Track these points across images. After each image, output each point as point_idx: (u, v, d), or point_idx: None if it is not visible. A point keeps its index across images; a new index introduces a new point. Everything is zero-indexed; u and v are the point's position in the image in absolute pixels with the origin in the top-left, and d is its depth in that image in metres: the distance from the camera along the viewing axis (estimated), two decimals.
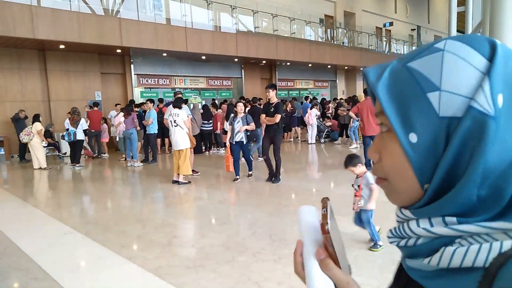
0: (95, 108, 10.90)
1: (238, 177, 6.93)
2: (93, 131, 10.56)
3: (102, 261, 3.70)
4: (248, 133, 6.99)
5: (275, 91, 6.73)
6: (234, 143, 6.85)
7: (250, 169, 7.18)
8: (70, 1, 10.34)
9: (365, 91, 8.11)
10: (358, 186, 3.54)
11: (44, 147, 10.02)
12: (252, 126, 6.94)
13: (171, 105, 7.18)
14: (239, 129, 6.79)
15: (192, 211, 5.51)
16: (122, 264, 3.56)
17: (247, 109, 11.11)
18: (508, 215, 0.42)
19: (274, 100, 6.69)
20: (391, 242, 0.52)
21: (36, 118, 9.52)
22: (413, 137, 0.45)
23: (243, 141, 6.85)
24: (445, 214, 0.46)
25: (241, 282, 3.08)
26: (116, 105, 11.54)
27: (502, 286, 0.39)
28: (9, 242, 4.27)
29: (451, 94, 0.43)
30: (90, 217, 5.30)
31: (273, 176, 6.75)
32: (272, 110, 6.63)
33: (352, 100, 11.49)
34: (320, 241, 0.52)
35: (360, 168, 3.56)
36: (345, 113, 11.84)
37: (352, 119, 11.00)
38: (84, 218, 5.27)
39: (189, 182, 7.00)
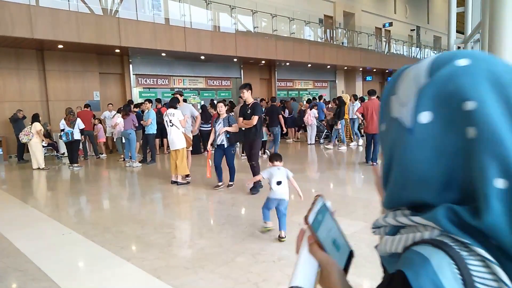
0: (85, 109, 10.84)
1: (220, 183, 6.44)
2: (84, 131, 10.45)
3: (100, 261, 3.69)
4: (228, 136, 6.23)
5: (250, 91, 6.12)
6: (216, 146, 6.35)
7: (231, 179, 6.49)
8: (68, 0, 10.31)
9: (369, 92, 8.17)
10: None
11: (44, 147, 10.00)
12: (234, 128, 6.21)
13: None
14: (219, 131, 6.21)
15: (191, 212, 5.49)
16: (120, 265, 3.55)
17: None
18: (428, 212, 0.49)
19: (250, 100, 6.13)
20: (372, 232, 0.62)
21: (35, 118, 9.50)
22: (383, 127, 0.56)
23: (223, 144, 6.24)
24: (402, 206, 0.54)
25: (240, 283, 3.07)
26: (108, 105, 11.52)
27: (401, 263, 0.48)
28: (8, 242, 4.26)
29: (398, 101, 0.52)
30: (88, 218, 5.28)
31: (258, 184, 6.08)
32: (249, 112, 6.05)
33: (339, 101, 11.60)
34: None
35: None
36: (332, 114, 11.99)
37: (340, 121, 11.12)
38: (83, 218, 5.26)
39: (188, 182, 6.98)
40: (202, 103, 12.52)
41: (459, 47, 11.00)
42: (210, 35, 13.15)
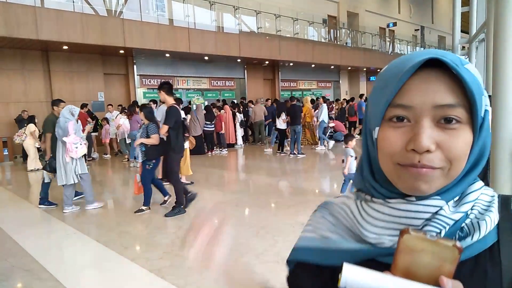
0: (80, 110, 10.84)
1: (145, 207, 5.28)
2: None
3: (105, 261, 3.71)
4: (144, 149, 5.09)
5: (166, 92, 5.04)
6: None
7: (163, 194, 5.53)
8: (73, 2, 10.39)
9: None
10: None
11: (38, 148, 10.03)
12: (152, 140, 5.05)
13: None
14: (135, 143, 5.30)
15: (194, 212, 5.50)
16: (125, 265, 3.56)
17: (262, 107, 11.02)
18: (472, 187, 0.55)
19: (169, 103, 5.04)
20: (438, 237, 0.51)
21: (31, 120, 9.45)
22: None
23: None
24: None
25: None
26: (108, 106, 11.56)
27: None
28: (13, 242, 4.29)
29: (485, 98, 0.53)
30: (93, 218, 5.30)
31: (178, 206, 5.09)
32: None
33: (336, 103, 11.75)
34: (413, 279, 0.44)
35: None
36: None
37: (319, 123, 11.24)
38: (87, 218, 5.28)
39: (192, 182, 6.99)
40: (206, 103, 12.52)
41: (463, 47, 10.94)
42: (214, 35, 13.18)
